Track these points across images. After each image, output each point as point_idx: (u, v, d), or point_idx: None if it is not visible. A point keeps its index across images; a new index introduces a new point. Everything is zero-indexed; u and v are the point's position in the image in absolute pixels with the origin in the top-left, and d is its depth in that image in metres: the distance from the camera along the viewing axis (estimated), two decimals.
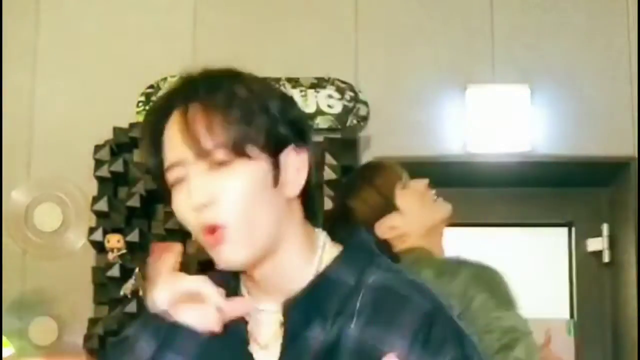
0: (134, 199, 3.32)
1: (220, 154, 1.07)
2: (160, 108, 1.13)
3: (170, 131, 1.10)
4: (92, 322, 3.27)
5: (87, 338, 3.26)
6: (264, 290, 1.14)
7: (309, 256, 1.14)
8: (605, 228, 3.67)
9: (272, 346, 1.12)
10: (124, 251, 3.31)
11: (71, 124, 3.50)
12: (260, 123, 1.09)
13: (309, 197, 1.15)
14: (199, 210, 1.07)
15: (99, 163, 3.38)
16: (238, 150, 1.07)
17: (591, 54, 3.55)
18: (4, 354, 3.05)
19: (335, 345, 1.07)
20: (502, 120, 3.47)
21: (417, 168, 2.73)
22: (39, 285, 3.39)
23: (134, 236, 3.31)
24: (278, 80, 3.36)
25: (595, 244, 3.67)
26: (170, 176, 1.10)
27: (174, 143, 1.09)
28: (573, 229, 3.76)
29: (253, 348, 1.13)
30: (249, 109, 1.09)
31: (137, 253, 3.33)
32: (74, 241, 3.42)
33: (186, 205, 1.09)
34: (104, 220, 3.35)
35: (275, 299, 1.12)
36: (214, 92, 1.10)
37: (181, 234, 3.60)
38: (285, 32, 3.54)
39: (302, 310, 1.10)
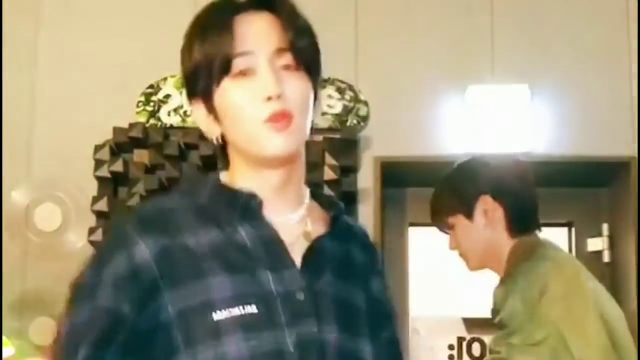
0: (134, 199, 3.32)
1: (290, 60, 1.21)
2: (232, 5, 1.23)
3: (250, 25, 1.21)
4: None
5: None
6: (282, 196, 1.25)
7: (304, 168, 1.30)
8: (605, 228, 3.67)
9: (296, 246, 1.24)
10: None
11: (71, 124, 3.51)
12: (318, 56, 1.27)
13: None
14: (270, 99, 1.18)
15: (99, 163, 3.38)
16: (307, 63, 1.23)
17: (591, 54, 3.55)
18: (4, 354, 3.05)
19: (349, 258, 1.29)
20: (502, 120, 3.47)
21: (417, 168, 2.77)
22: (39, 285, 3.39)
23: None
24: None
25: (595, 244, 3.67)
26: (240, 63, 1.19)
27: (256, 35, 1.20)
28: (573, 229, 3.76)
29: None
30: (317, 45, 1.28)
31: None
32: (74, 241, 3.42)
33: (251, 95, 1.19)
34: (104, 220, 3.35)
35: (292, 209, 1.26)
36: (300, 15, 1.26)
37: None
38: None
39: (340, 222, 1.29)
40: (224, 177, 1.28)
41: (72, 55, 3.58)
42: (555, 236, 3.77)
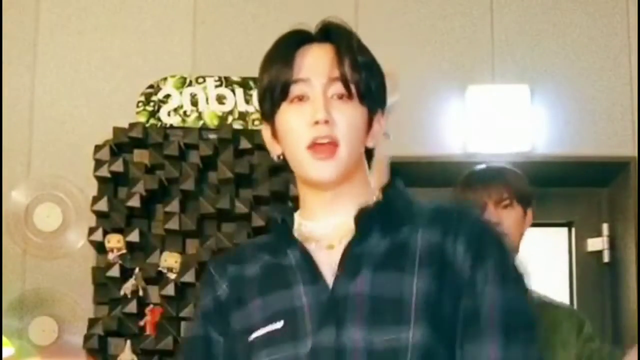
0: (134, 199, 3.32)
1: (342, 89, 1.30)
2: (297, 38, 1.37)
3: (309, 56, 1.33)
4: (92, 322, 3.27)
5: (87, 338, 3.25)
6: (333, 210, 1.33)
7: (367, 185, 1.36)
8: (605, 228, 3.66)
9: (337, 246, 1.30)
10: (124, 251, 3.31)
11: (71, 124, 3.51)
12: (375, 87, 1.35)
13: (371, 153, 1.38)
14: (317, 125, 1.28)
15: (99, 163, 3.38)
16: (361, 93, 1.31)
17: (591, 54, 3.55)
18: (4, 354, 3.05)
19: (400, 248, 1.28)
20: (502, 120, 3.47)
21: (417, 168, 2.78)
22: (39, 285, 3.39)
23: (134, 236, 3.31)
24: None
25: (595, 244, 3.67)
26: (297, 89, 1.31)
27: (313, 64, 1.32)
28: (573, 229, 3.76)
29: (313, 247, 1.32)
30: (376, 76, 1.36)
31: (137, 253, 3.33)
32: (74, 241, 3.42)
33: (303, 119, 1.29)
34: (104, 220, 3.35)
35: (345, 214, 1.31)
36: (360, 47, 1.35)
37: (181, 234, 3.62)
38: (285, 32, 3.54)
39: (371, 218, 1.30)
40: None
41: (72, 55, 3.58)
42: (555, 236, 3.79)
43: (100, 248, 3.34)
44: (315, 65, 1.32)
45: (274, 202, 3.36)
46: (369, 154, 1.38)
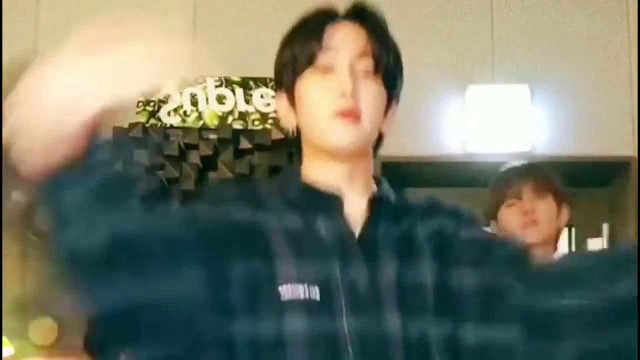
0: None
1: (370, 66, 1.30)
2: (326, 15, 1.35)
3: (339, 31, 1.32)
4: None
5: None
6: (350, 187, 1.31)
7: (371, 170, 1.37)
8: (605, 228, 3.67)
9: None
10: None
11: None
12: (398, 72, 1.40)
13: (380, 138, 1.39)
14: (343, 95, 1.27)
15: None
16: (385, 72, 1.33)
17: (591, 54, 3.55)
18: (4, 354, 3.05)
19: (409, 237, 1.29)
20: (502, 120, 3.47)
21: (417, 168, 2.77)
22: (39, 285, 3.39)
23: None
24: None
25: (595, 244, 3.68)
26: (324, 58, 1.29)
27: (343, 37, 1.31)
28: (573, 229, 3.76)
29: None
30: (400, 62, 1.40)
31: None
32: None
33: (328, 89, 1.28)
34: None
35: (360, 195, 1.31)
36: (388, 31, 1.36)
37: None
38: (285, 32, 3.54)
39: (383, 204, 1.31)
40: (301, 170, 1.36)
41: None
42: None
43: None
44: (345, 37, 1.31)
45: None
46: (378, 140, 1.38)
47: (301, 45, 1.33)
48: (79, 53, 1.11)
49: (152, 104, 3.48)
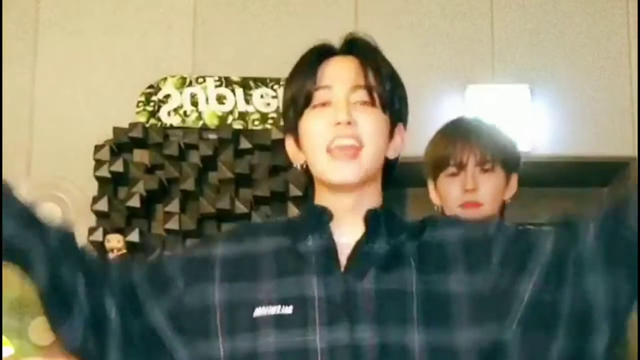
0: (134, 199, 3.32)
1: (365, 96, 1.33)
2: (321, 52, 1.38)
3: (332, 66, 1.35)
4: None
5: None
6: (355, 217, 1.33)
7: (380, 197, 1.38)
8: None
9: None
10: (124, 251, 3.30)
11: (71, 124, 3.51)
12: (398, 98, 1.43)
13: (389, 166, 1.41)
14: (339, 125, 1.29)
15: (99, 163, 3.38)
16: (384, 102, 1.36)
17: (591, 54, 3.55)
18: (4, 354, 3.05)
19: (399, 253, 1.31)
20: (502, 120, 3.47)
21: (417, 168, 2.73)
22: None
23: (134, 236, 3.31)
24: (278, 80, 3.36)
25: None
26: (320, 96, 1.33)
27: (336, 73, 1.34)
28: None
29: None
30: (399, 87, 1.43)
31: (137, 253, 3.33)
32: None
33: (324, 120, 1.31)
34: (104, 220, 3.35)
35: (358, 228, 1.32)
36: (383, 60, 1.40)
37: (181, 234, 3.62)
38: (285, 32, 3.54)
39: (377, 223, 1.33)
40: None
41: (72, 56, 3.58)
42: None
43: (100, 248, 3.34)
44: (339, 74, 1.35)
45: (274, 202, 3.36)
46: (388, 167, 1.40)
47: (298, 86, 1.36)
48: None
49: (152, 104, 3.48)
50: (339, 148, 1.30)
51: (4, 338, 3.08)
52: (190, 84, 3.50)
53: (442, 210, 2.05)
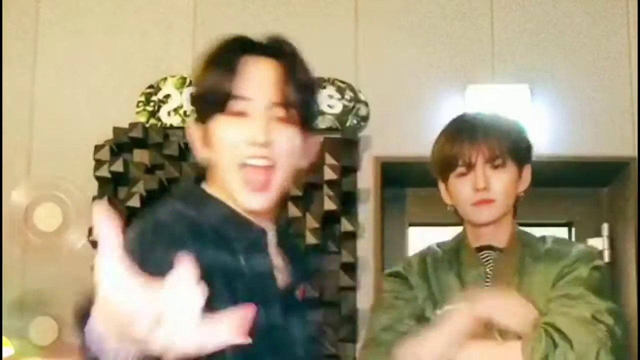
0: (134, 199, 3.32)
1: (284, 113, 1.28)
2: (242, 45, 1.31)
3: (254, 72, 1.28)
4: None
5: None
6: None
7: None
8: (605, 228, 3.66)
9: None
10: None
11: (71, 124, 3.51)
12: (314, 110, 1.37)
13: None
14: (255, 145, 1.26)
15: (99, 163, 3.38)
16: (302, 117, 1.31)
17: (591, 54, 3.55)
18: (4, 354, 3.05)
19: None
20: None
21: (417, 168, 2.72)
22: (39, 285, 3.39)
23: None
24: None
25: (595, 244, 3.67)
26: (237, 105, 1.27)
27: (258, 83, 1.28)
28: (573, 229, 3.76)
29: None
30: (314, 96, 1.37)
31: None
32: (74, 241, 3.42)
33: (241, 135, 1.27)
34: None
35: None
36: (304, 66, 1.35)
37: None
38: (285, 32, 3.53)
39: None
40: (210, 189, 1.38)
41: (72, 55, 3.58)
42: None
43: None
44: (260, 84, 1.29)
45: None
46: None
47: (215, 82, 1.29)
48: None
49: (152, 104, 3.48)
50: (252, 167, 1.28)
51: (4, 338, 3.08)
52: (190, 84, 3.50)
53: (455, 210, 2.01)
